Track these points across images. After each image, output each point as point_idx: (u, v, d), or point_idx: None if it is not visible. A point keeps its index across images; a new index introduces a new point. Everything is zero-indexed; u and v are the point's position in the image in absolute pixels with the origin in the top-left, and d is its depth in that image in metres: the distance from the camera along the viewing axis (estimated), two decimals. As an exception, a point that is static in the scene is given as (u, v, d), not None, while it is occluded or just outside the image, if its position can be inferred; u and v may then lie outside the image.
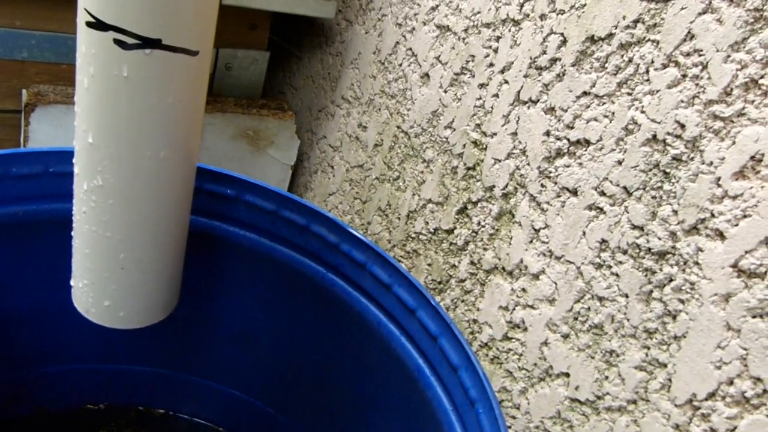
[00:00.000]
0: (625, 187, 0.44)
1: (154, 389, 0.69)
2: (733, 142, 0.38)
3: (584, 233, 0.47)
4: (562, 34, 0.48)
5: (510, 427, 0.54)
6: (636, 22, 0.43)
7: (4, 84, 0.67)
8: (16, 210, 0.52)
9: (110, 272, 0.44)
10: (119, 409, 0.70)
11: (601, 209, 0.46)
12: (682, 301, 0.41)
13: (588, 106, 0.47)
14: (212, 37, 0.39)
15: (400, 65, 0.67)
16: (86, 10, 0.35)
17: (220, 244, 0.56)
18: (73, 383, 0.66)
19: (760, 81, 0.37)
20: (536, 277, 0.51)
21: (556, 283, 0.50)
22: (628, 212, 0.44)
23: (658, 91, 0.42)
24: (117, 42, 0.36)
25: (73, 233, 0.45)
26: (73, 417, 0.69)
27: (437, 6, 0.61)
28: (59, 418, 0.68)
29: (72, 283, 0.48)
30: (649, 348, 0.43)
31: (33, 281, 0.57)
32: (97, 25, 0.35)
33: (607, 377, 0.46)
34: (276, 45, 0.84)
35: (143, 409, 0.71)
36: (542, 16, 0.50)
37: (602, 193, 0.46)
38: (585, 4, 0.47)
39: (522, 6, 0.52)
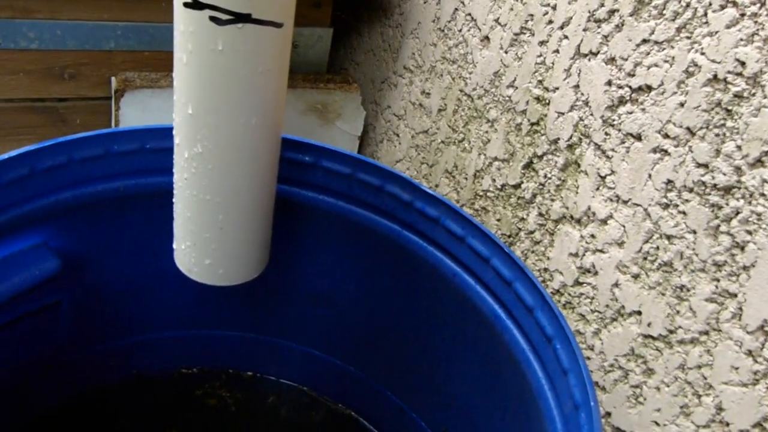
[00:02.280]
0: (688, 128, 0.46)
1: (242, 353, 0.73)
2: (794, 75, 0.40)
3: (650, 176, 0.49)
4: (619, -14, 0.50)
5: (585, 367, 0.57)
6: (693, -34, 0.45)
7: (95, 74, 0.73)
8: (118, 185, 0.57)
9: (210, 233, 0.48)
10: (211, 373, 0.75)
11: (666, 151, 0.48)
12: (749, 233, 0.43)
13: (648, 53, 0.49)
14: (293, 9, 0.42)
15: (460, 31, 0.70)
16: (183, -8, 0.39)
17: (300, 208, 0.60)
18: (168, 349, 0.71)
19: (819, 12, 0.38)
20: (604, 222, 0.54)
21: (624, 226, 0.52)
22: (692, 151, 0.46)
23: (717, 32, 0.44)
24: (212, 19, 0.40)
25: (174, 200, 0.50)
26: (170, 380, 0.74)
27: (494, -30, 0.63)
28: (157, 381, 0.73)
29: (174, 246, 0.53)
30: (718, 280, 0.45)
31: (133, 252, 0.61)
32: (194, 4, 0.39)
33: (678, 311, 0.48)
34: (337, 22, 0.88)
35: (233, 372, 0.75)
36: (599, -30, 0.52)
37: (666, 136, 0.48)
38: (641, -46, 0.48)
39: (578, -38, 0.54)
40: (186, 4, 0.40)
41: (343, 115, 0.83)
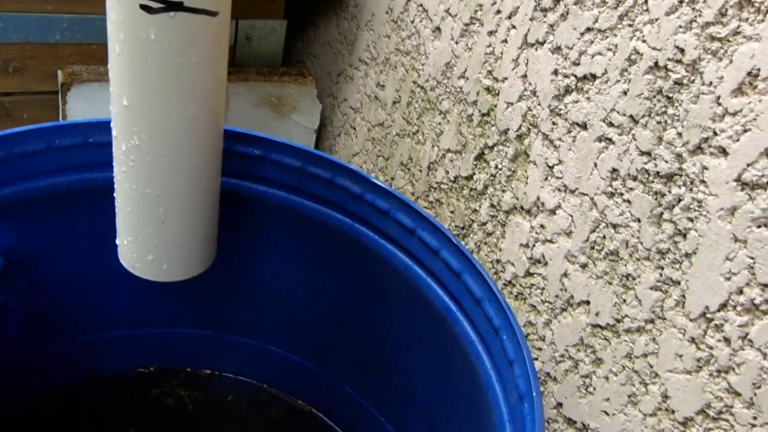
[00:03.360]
0: (631, 116, 0.46)
1: (199, 350, 0.72)
2: (731, 61, 0.40)
3: (595, 165, 0.49)
4: (564, -26, 0.50)
5: (537, 358, 0.57)
6: (633, -46, 0.45)
7: (41, 67, 0.71)
8: (61, 180, 0.55)
9: (152, 227, 0.47)
10: (168, 371, 0.74)
11: (610, 140, 0.48)
12: (691, 219, 0.43)
13: (592, 42, 0.49)
14: (229, -3, 0.41)
15: (412, 22, 0.69)
16: (112, -21, 0.38)
17: (250, 203, 0.59)
18: (123, 348, 0.70)
19: (753, -1, 0.38)
20: (553, 212, 0.54)
21: (572, 216, 0.52)
22: (635, 140, 0.46)
23: (657, 20, 0.44)
24: (143, 7, 0.39)
25: (115, 194, 0.49)
26: (126, 380, 0.73)
27: (444, -40, 0.63)
28: (113, 381, 0.72)
29: (117, 241, 0.51)
30: (662, 268, 0.46)
31: (81, 249, 0.60)
32: (123, -8, 0.38)
33: (624, 300, 0.48)
34: (293, 14, 0.87)
35: (191, 370, 0.74)
36: (544, -41, 0.52)
37: (610, 124, 0.48)
38: (584, -58, 0.48)
39: (525, -49, 0.53)
40: (116, -8, 0.39)
41: (299, 109, 0.82)
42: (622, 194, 0.48)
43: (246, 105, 0.78)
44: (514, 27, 0.56)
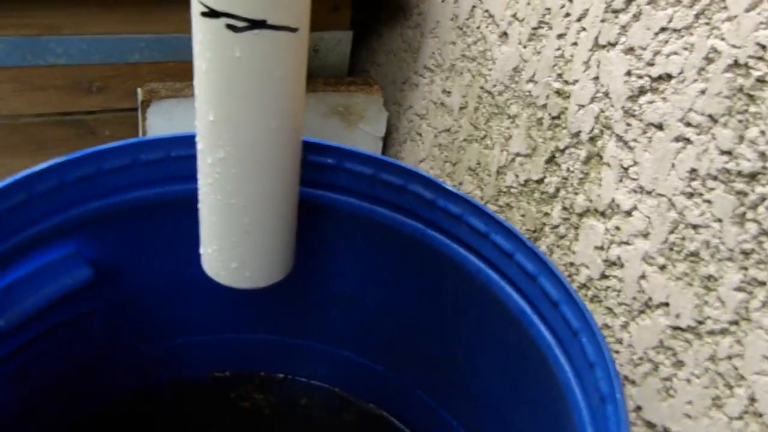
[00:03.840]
0: (710, 115, 0.46)
1: (273, 355, 0.74)
2: (816, 56, 0.39)
3: (673, 165, 0.49)
4: (635, -25, 0.50)
5: (615, 360, 0.56)
6: (709, -48, 0.44)
7: (121, 86, 0.75)
8: (146, 193, 0.58)
9: (237, 236, 0.49)
10: (244, 376, 0.76)
11: (688, 140, 0.47)
12: (776, 219, 0.42)
13: (667, 42, 0.48)
14: (308, 13, 0.43)
15: (478, 28, 0.70)
16: (200, 1, 0.40)
17: (324, 210, 0.60)
18: (201, 353, 0.72)
19: (839, -8, 0.37)
20: (629, 213, 0.53)
21: (649, 217, 0.51)
22: (715, 139, 0.46)
23: (736, 17, 0.43)
24: (229, 27, 0.40)
25: (199, 205, 0.51)
26: (203, 385, 0.75)
27: (510, -35, 0.63)
28: (192, 386, 0.74)
29: (201, 250, 0.53)
30: (747, 269, 0.45)
31: (164, 259, 0.63)
32: (211, 13, 0.40)
33: (706, 302, 0.48)
34: (357, 25, 0.89)
35: (265, 375, 0.76)
36: (615, -40, 0.51)
37: (688, 124, 0.47)
38: (656, -58, 0.48)
39: (594, -47, 0.53)
40: (203, 14, 0.41)
41: (366, 117, 0.83)
42: (701, 194, 0.47)
43: (315, 116, 0.80)
44: (584, 29, 0.56)
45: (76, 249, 0.55)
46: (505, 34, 0.66)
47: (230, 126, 0.44)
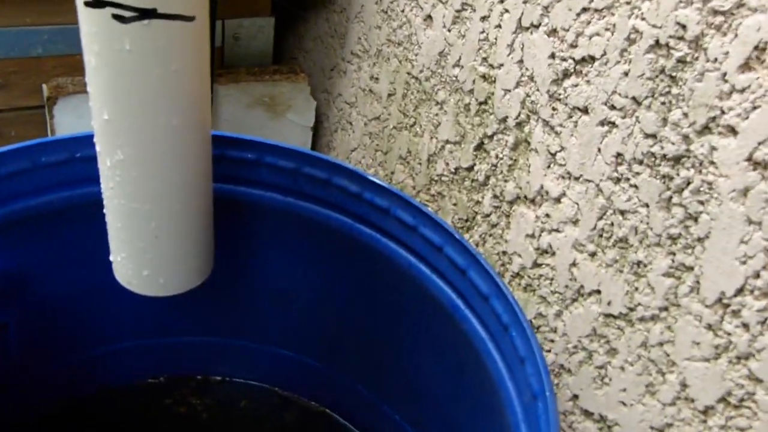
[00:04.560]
0: (634, 98, 0.44)
1: (208, 357, 0.71)
2: (735, 35, 0.38)
3: (599, 150, 0.47)
4: (555, -47, 0.48)
5: (549, 350, 0.55)
6: (626, -72, 0.43)
7: (24, 82, 0.70)
8: (51, 198, 0.54)
9: (144, 242, 0.46)
10: (179, 380, 0.73)
11: (613, 123, 0.46)
12: (701, 203, 0.41)
13: (589, 22, 0.47)
14: (206, 1, 0.40)
15: (402, 11, 0.67)
16: (82, -11, 0.37)
17: (247, 207, 0.58)
18: (131, 360, 0.69)
19: (756, -32, 0.36)
20: (558, 200, 0.52)
21: (577, 204, 0.50)
22: (639, 122, 0.44)
23: (655, -5, 0.42)
24: (115, 17, 0.37)
25: (105, 210, 0.47)
26: (138, 391, 0.72)
27: (431, -55, 0.61)
28: (124, 393, 0.71)
29: (111, 258, 0.50)
30: (674, 254, 0.44)
31: (76, 266, 0.59)
32: (94, 3, 0.37)
33: (637, 288, 0.47)
34: (280, 10, 0.85)
35: (201, 378, 0.74)
36: (534, -62, 0.50)
37: (612, 107, 0.46)
38: None
39: (513, -69, 0.51)
40: (87, 3, 0.37)
41: (293, 107, 0.80)
42: (628, 179, 0.46)
43: (238, 107, 0.77)
44: (507, 11, 0.54)
45: (-25, 262, 0.51)
46: (429, 17, 0.63)
47: (127, 125, 0.40)
